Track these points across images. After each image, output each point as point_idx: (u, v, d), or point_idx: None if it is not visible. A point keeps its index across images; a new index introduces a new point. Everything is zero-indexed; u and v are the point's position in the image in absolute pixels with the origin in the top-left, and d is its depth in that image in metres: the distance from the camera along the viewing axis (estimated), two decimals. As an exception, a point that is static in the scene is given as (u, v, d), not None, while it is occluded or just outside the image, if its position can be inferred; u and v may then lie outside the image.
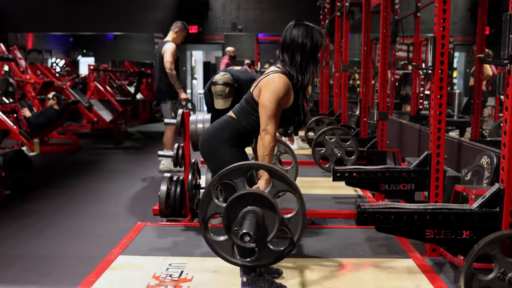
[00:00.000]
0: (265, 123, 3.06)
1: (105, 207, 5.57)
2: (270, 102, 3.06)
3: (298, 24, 3.17)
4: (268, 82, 3.10)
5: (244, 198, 2.57)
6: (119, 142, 10.78)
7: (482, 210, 2.70)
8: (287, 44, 3.15)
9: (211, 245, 2.70)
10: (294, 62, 3.12)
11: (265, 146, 3.04)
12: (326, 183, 6.42)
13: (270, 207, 2.55)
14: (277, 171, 2.61)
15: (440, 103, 3.80)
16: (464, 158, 5.16)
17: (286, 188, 2.64)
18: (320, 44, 3.17)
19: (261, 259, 2.68)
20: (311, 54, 3.14)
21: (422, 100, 11.83)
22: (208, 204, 2.68)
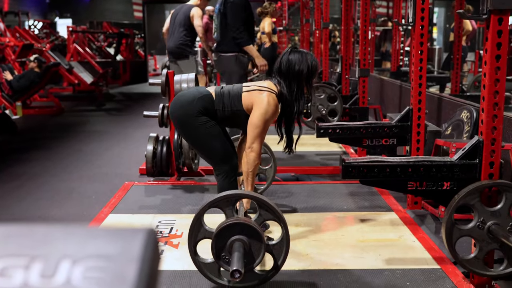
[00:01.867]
0: (251, 141, 3.18)
1: (92, 168, 5.62)
2: (260, 121, 3.15)
3: (293, 52, 3.28)
4: (262, 102, 3.18)
5: (232, 228, 2.68)
6: (101, 104, 10.76)
7: (462, 161, 2.79)
8: (283, 71, 3.25)
9: (199, 268, 2.81)
10: (291, 90, 3.23)
11: (249, 163, 3.18)
12: (309, 141, 6.50)
13: (257, 236, 2.67)
14: (265, 202, 2.72)
15: (420, 58, 3.88)
16: (444, 113, 5.27)
17: (272, 217, 2.76)
18: (315, 70, 3.29)
19: (246, 281, 2.80)
20: (307, 80, 3.26)
21: (402, 57, 11.89)
22: (199, 229, 2.79)
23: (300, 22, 12.93)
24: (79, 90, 11.88)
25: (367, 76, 5.81)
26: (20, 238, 0.68)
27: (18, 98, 9.11)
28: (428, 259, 3.11)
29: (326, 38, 8.48)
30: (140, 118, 5.13)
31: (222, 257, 2.70)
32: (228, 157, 3.33)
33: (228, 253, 2.67)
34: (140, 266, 0.64)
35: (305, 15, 12.25)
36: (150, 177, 4.89)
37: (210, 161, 3.40)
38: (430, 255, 3.14)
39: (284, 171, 5.05)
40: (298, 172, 5.09)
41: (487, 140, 2.72)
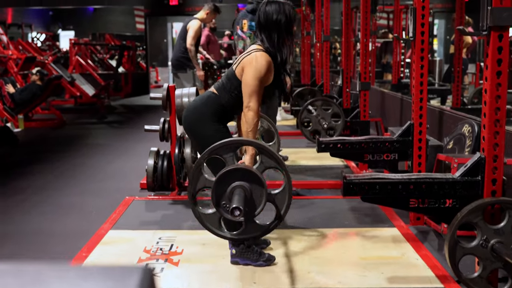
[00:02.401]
0: (247, 100, 3.12)
1: (93, 183, 5.61)
2: (253, 79, 3.11)
3: (270, 2, 3.25)
4: (251, 60, 3.15)
5: (233, 173, 2.63)
6: (103, 117, 10.76)
7: (464, 179, 2.78)
8: (262, 23, 3.23)
9: (199, 218, 2.77)
10: (271, 40, 3.20)
11: (248, 122, 3.09)
12: (311, 154, 6.49)
13: (258, 182, 2.62)
14: (267, 148, 2.68)
15: (421, 73, 3.87)
16: (446, 126, 5.25)
17: (274, 164, 2.71)
18: (294, 18, 3.27)
19: (247, 233, 2.76)
20: (287, 30, 3.23)
21: (403, 69, 11.90)
22: (198, 178, 2.74)
23: (301, 34, 12.95)
24: (81, 102, 11.89)
25: (368, 90, 5.80)
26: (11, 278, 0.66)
27: (20, 111, 9.11)
28: (431, 277, 3.08)
29: (327, 50, 8.49)
30: (142, 131, 5.12)
31: (223, 205, 2.65)
32: None
33: (229, 200, 2.62)
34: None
35: (305, 27, 12.28)
36: (151, 191, 4.87)
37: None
38: (433, 274, 3.11)
39: (286, 185, 5.03)
40: (299, 186, 5.07)
41: (489, 157, 2.70)
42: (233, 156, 2.70)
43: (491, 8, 2.59)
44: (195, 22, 7.13)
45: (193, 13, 16.27)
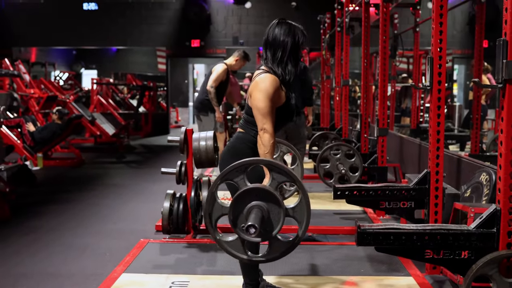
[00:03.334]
0: (261, 122, 3.09)
1: (108, 223, 5.62)
2: (262, 101, 3.09)
3: (280, 23, 3.24)
4: (256, 84, 3.16)
5: (247, 194, 2.60)
6: (121, 156, 10.84)
7: (480, 230, 2.74)
8: (269, 42, 3.22)
9: (222, 246, 2.73)
10: (275, 58, 3.18)
11: (265, 145, 3.07)
12: (328, 199, 6.47)
13: (273, 200, 2.59)
14: (275, 163, 2.65)
15: (438, 122, 3.86)
16: (463, 174, 5.20)
17: (285, 179, 2.67)
18: (302, 42, 3.24)
19: (273, 253, 2.71)
20: (292, 52, 3.21)
21: (422, 113, 11.89)
22: (213, 205, 2.70)
23: (321, 78, 13.04)
24: (101, 141, 12.01)
25: (385, 135, 5.80)
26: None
27: (40, 149, 9.22)
28: (445, 329, 3.02)
29: (346, 94, 8.52)
30: (159, 172, 5.14)
31: (241, 228, 2.61)
32: None
33: (246, 220, 2.57)
34: None
35: (325, 71, 12.37)
36: (166, 234, 4.87)
37: None
38: (448, 326, 3.05)
39: (301, 230, 4.99)
40: (315, 231, 5.03)
41: (505, 209, 2.67)
42: (244, 178, 2.67)
43: (507, 61, 2.60)
44: (220, 66, 7.21)
45: (214, 55, 16.58)
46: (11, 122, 9.26)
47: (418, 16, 9.79)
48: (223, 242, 2.71)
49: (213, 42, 16.21)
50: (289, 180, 2.66)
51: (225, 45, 16.11)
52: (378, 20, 9.15)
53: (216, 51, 16.25)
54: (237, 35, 16.08)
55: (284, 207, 2.58)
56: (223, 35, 16.17)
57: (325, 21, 11.96)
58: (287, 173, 2.63)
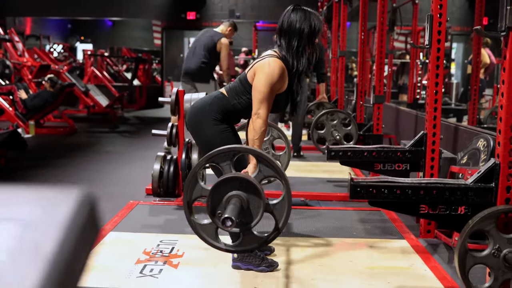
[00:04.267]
0: (257, 106, 3.01)
1: (97, 187, 5.51)
2: (264, 86, 3.00)
3: (296, 9, 3.12)
4: (263, 66, 3.05)
5: (229, 182, 2.52)
6: (115, 126, 10.72)
7: (477, 185, 2.65)
8: (284, 29, 3.10)
9: (195, 228, 2.66)
10: (290, 47, 3.07)
11: (255, 130, 2.99)
12: (321, 167, 6.39)
13: (255, 192, 2.50)
14: (265, 156, 2.56)
15: (436, 82, 3.76)
16: (460, 142, 5.11)
17: (272, 174, 2.59)
18: (318, 30, 3.12)
19: (245, 245, 2.63)
20: (309, 40, 3.09)
21: (419, 90, 11.79)
22: (194, 186, 2.63)
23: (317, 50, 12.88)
24: (94, 112, 11.87)
25: (382, 103, 5.69)
26: None
27: (32, 117, 9.08)
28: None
29: (343, 66, 8.40)
30: (152, 140, 5.04)
31: (218, 215, 2.54)
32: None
33: (224, 209, 2.50)
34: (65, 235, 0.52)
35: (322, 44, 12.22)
36: (156, 197, 4.77)
37: None
38: (442, 285, 2.97)
39: (293, 196, 4.89)
40: (308, 197, 4.94)
41: (504, 163, 2.58)
42: (230, 164, 2.59)
43: (511, 7, 2.48)
44: (226, 41, 6.96)
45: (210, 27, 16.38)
46: (2, 89, 9.12)
47: (417, -12, 9.66)
48: (197, 224, 2.64)
49: (209, 15, 16.01)
50: (276, 176, 2.58)
51: (221, 18, 15.87)
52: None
53: (212, 23, 16.03)
54: (233, 8, 15.89)
55: (265, 201, 2.50)
56: (219, 7, 15.98)
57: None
58: (275, 168, 2.55)
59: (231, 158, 2.57)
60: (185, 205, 2.61)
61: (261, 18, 15.80)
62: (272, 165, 2.53)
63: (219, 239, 2.65)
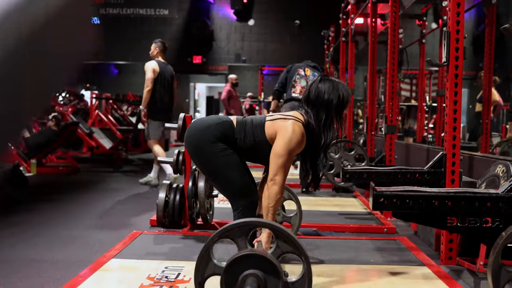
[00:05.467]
0: (274, 172, 2.89)
1: (100, 219, 5.30)
2: (284, 151, 2.90)
3: (324, 80, 3.06)
4: (287, 128, 2.94)
5: (245, 260, 2.33)
6: (118, 167, 10.54)
7: (510, 194, 2.46)
8: (312, 99, 3.02)
9: None
10: (318, 119, 2.99)
11: (271, 197, 2.87)
12: (331, 202, 6.19)
13: (274, 271, 2.31)
14: (283, 231, 2.35)
15: (455, 100, 3.60)
16: (476, 171, 4.91)
17: (291, 250, 2.38)
18: (347, 101, 3.04)
19: None
20: (337, 111, 3.02)
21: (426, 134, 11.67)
22: (206, 264, 2.43)
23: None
24: (98, 153, 11.71)
25: (394, 133, 5.53)
26: None
27: (34, 155, 8.92)
28: (469, 311, 2.71)
29: (351, 104, 8.27)
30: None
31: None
32: (247, 190, 3.02)
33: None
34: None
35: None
36: (161, 227, 4.57)
37: (226, 193, 3.09)
38: (471, 308, 2.74)
39: (305, 226, 4.69)
40: (320, 228, 4.73)
41: (539, 170, 2.39)
42: (246, 240, 2.39)
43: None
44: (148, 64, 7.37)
45: (216, 71, 16.41)
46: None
47: (424, 28, 9.61)
48: None
49: (215, 59, 16.06)
50: (295, 252, 2.37)
51: (227, 62, 15.97)
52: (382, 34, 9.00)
53: (218, 68, 16.10)
54: (239, 52, 15.93)
55: (283, 281, 2.30)
56: (226, 51, 16.03)
57: (329, 35, 11.80)
58: (294, 243, 2.34)
59: (247, 233, 2.38)
60: (195, 282, 2.40)
61: (267, 62, 15.82)
62: (291, 240, 2.34)
63: None
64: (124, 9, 16.20)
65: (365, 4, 7.67)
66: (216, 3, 16.04)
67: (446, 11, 3.70)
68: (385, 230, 4.67)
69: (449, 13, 3.62)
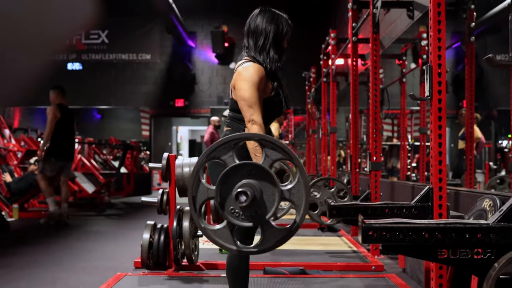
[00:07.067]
0: (248, 113, 2.77)
1: (83, 261, 5.19)
2: (247, 90, 2.78)
3: (263, 10, 3.00)
4: (239, 73, 2.85)
5: (237, 171, 2.23)
6: (101, 210, 10.40)
7: (500, 225, 2.43)
8: (251, 30, 2.97)
9: (209, 236, 2.31)
10: (257, 46, 2.92)
11: None
12: (316, 241, 6.13)
13: (268, 178, 2.21)
14: (268, 138, 2.28)
15: (439, 133, 3.60)
16: (462, 206, 4.90)
17: (281, 156, 2.29)
18: (286, 31, 2.98)
19: (267, 242, 2.29)
20: (275, 40, 2.95)
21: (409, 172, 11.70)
22: (197, 188, 2.31)
23: (307, 133, 12.88)
24: (80, 197, 11.58)
25: (379, 170, 5.52)
26: None
27: (16, 200, 8.80)
28: None
29: (334, 141, 8.29)
30: (141, 223, 4.77)
31: (230, 211, 2.22)
32: None
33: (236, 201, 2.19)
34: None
35: (311, 125, 12.20)
36: (145, 269, 4.48)
37: None
38: None
39: (292, 265, 4.62)
40: (307, 267, 4.66)
41: (528, 199, 2.38)
42: (233, 155, 2.30)
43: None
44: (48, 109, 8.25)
45: (198, 114, 16.43)
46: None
47: (404, 67, 9.72)
48: (209, 230, 2.32)
49: (198, 102, 16.10)
50: (284, 157, 2.30)
51: (209, 105, 16.01)
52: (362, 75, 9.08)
53: (200, 110, 16.12)
54: (221, 95, 15.99)
55: (279, 187, 2.21)
56: (208, 95, 16.09)
57: (310, 76, 11.89)
58: (282, 148, 2.27)
59: (233, 148, 2.30)
60: (192, 211, 2.29)
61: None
62: (278, 146, 2.26)
63: (237, 242, 2.32)
64: (107, 55, 16.26)
65: (345, 44, 7.76)
66: (198, 47, 16.17)
67: (425, 50, 3.74)
68: (373, 268, 4.62)
69: (431, 47, 3.66)
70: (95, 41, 16.39)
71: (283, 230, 2.28)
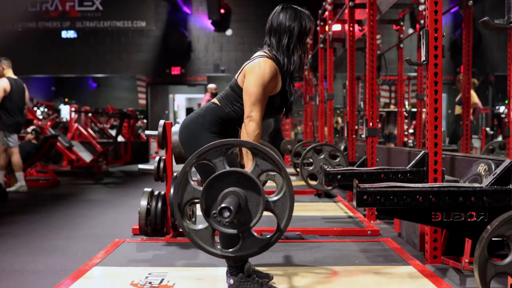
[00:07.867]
0: (249, 109, 2.83)
1: (81, 229, 5.22)
2: (255, 87, 2.83)
3: (285, 8, 3.02)
4: (253, 67, 2.89)
5: (224, 178, 2.28)
6: (99, 179, 10.44)
7: (494, 187, 2.46)
8: (274, 28, 2.99)
9: (189, 235, 2.39)
10: (281, 45, 2.95)
11: (249, 134, 2.79)
12: (313, 207, 6.17)
13: (254, 188, 2.26)
14: (260, 147, 2.33)
15: (435, 98, 3.61)
16: (458, 171, 4.93)
17: (270, 167, 2.34)
18: (309, 28, 3.00)
19: (245, 249, 2.37)
20: (299, 38, 2.97)
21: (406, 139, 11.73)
22: (185, 187, 2.38)
23: (304, 100, 12.86)
24: (78, 166, 11.60)
25: (375, 136, 5.53)
26: None
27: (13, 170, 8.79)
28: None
29: (331, 107, 8.29)
30: (139, 190, 4.79)
31: (213, 216, 2.27)
32: None
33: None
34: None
35: (308, 92, 12.18)
36: (143, 235, 4.52)
37: None
38: (458, 304, 2.73)
39: (289, 230, 4.65)
40: (304, 232, 4.69)
41: (521, 162, 2.40)
42: (224, 160, 2.35)
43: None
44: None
45: (195, 82, 16.38)
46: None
47: (401, 33, 9.67)
48: (191, 230, 2.37)
49: (194, 70, 16.03)
50: (274, 169, 2.34)
51: (206, 73, 15.94)
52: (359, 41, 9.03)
53: (197, 78, 16.07)
54: (218, 63, 15.93)
55: (264, 198, 2.26)
56: (204, 62, 16.02)
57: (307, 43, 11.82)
58: (272, 160, 2.31)
59: (224, 153, 2.34)
60: (175, 208, 2.35)
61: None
62: (269, 157, 2.30)
63: (216, 245, 2.38)
64: (101, 22, 16.13)
65: (342, 9, 7.70)
66: (194, 14, 16.04)
67: (423, 15, 3.72)
68: (369, 233, 4.66)
69: (427, 12, 3.64)
70: (89, 8, 16.25)
71: (262, 240, 2.33)
